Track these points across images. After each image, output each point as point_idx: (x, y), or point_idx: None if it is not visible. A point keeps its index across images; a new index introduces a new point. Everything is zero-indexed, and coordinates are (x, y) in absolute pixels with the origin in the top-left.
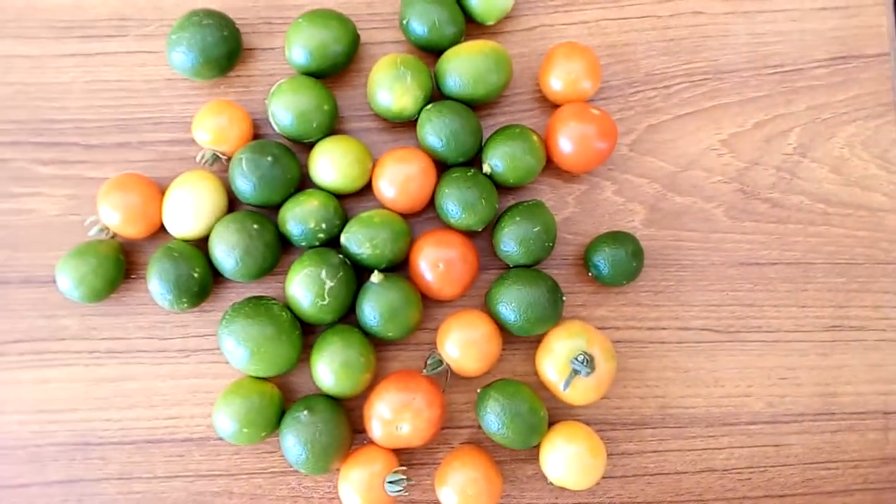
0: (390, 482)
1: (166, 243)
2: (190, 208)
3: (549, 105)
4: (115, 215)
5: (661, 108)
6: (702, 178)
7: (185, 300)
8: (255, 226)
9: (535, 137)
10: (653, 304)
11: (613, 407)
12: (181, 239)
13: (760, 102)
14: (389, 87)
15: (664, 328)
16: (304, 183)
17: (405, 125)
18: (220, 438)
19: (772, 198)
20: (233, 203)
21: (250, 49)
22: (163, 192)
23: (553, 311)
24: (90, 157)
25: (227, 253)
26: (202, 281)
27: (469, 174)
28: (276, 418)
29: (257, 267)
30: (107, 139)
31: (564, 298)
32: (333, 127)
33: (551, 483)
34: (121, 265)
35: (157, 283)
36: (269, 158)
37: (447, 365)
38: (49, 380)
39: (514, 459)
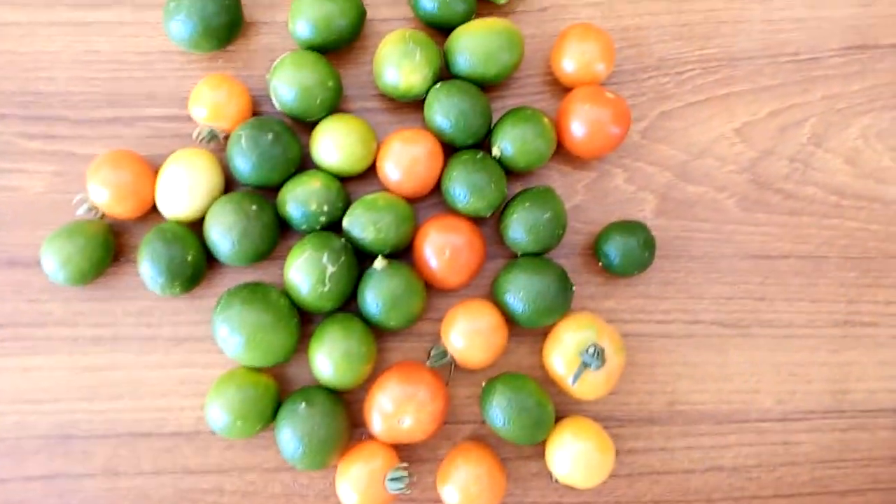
0: (391, 479)
1: (159, 224)
2: (184, 187)
3: (561, 88)
4: (105, 193)
5: (673, 94)
6: (714, 167)
7: (177, 284)
8: (254, 206)
9: (546, 120)
10: (662, 297)
11: (620, 403)
12: (174, 220)
13: (775, 91)
14: (397, 63)
15: (673, 321)
16: (305, 163)
17: (412, 106)
18: (212, 432)
19: (785, 189)
20: (230, 184)
21: (252, 22)
22: (155, 171)
23: (562, 301)
24: (79, 133)
25: (222, 235)
26: (196, 264)
27: (478, 157)
28: (272, 411)
29: (254, 250)
30: (97, 113)
31: (574, 288)
32: (337, 105)
33: (557, 481)
34: (109, 246)
35: (148, 266)
36: (270, 136)
37: (451, 356)
38: (31, 368)
39: (518, 456)
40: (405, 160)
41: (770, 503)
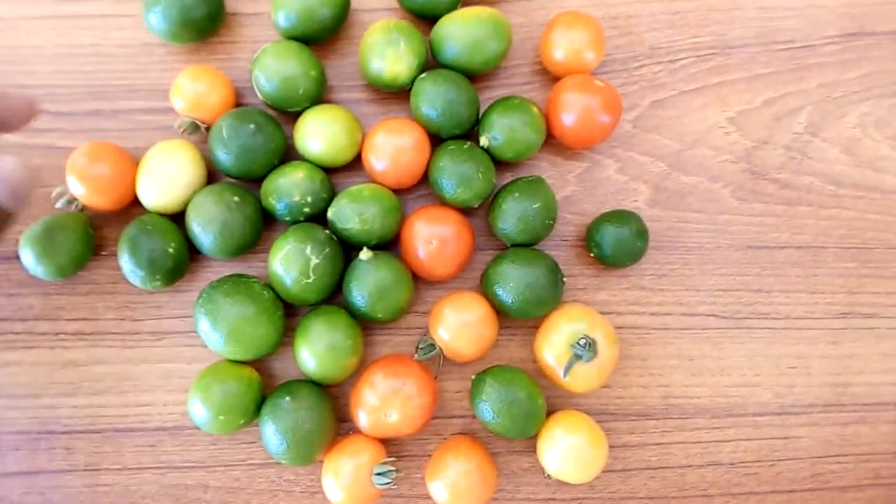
0: (378, 474)
1: (139, 216)
2: (166, 179)
3: (550, 78)
4: (84, 186)
5: (666, 83)
6: (708, 156)
7: (158, 277)
8: (236, 198)
9: (535, 109)
10: (656, 289)
11: (615, 396)
12: (155, 212)
13: (769, 79)
14: (382, 53)
15: (668, 314)
16: (288, 155)
17: (397, 97)
18: (195, 427)
19: (781, 178)
20: (212, 176)
21: (234, 13)
22: (136, 163)
23: (553, 292)
24: (60, 125)
25: (204, 227)
26: (177, 257)
27: (465, 147)
28: (256, 405)
29: (237, 242)
30: (78, 106)
31: (565, 280)
32: (321, 96)
33: (549, 476)
34: (90, 240)
35: (128, 259)
36: (252, 126)
37: (440, 349)
38: (11, 363)
39: (509, 451)
40: (391, 150)
41: (769, 499)
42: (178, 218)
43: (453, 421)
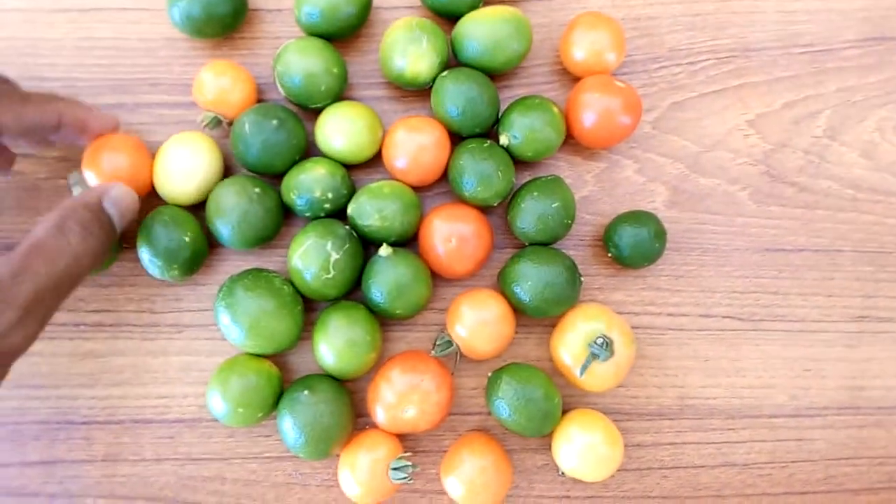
0: (394, 469)
1: (157, 208)
2: (184, 170)
3: (570, 78)
4: (100, 178)
5: (685, 85)
6: (727, 159)
7: (175, 267)
8: (257, 189)
9: (555, 109)
10: (673, 290)
11: (630, 396)
12: (174, 203)
13: (789, 82)
14: (403, 50)
15: (685, 314)
16: (309, 152)
17: (418, 94)
18: (213, 420)
19: (799, 182)
20: (229, 168)
21: (257, 9)
22: (154, 155)
23: (571, 291)
24: None
25: (224, 216)
26: (195, 247)
27: (485, 146)
28: (274, 399)
29: (256, 234)
30: (99, 99)
31: (582, 280)
32: (342, 93)
33: (563, 474)
34: None
35: (145, 249)
36: (275, 122)
37: (457, 346)
38: (31, 353)
39: (523, 448)
40: (411, 148)
41: (781, 500)
42: (195, 209)
43: (469, 418)
